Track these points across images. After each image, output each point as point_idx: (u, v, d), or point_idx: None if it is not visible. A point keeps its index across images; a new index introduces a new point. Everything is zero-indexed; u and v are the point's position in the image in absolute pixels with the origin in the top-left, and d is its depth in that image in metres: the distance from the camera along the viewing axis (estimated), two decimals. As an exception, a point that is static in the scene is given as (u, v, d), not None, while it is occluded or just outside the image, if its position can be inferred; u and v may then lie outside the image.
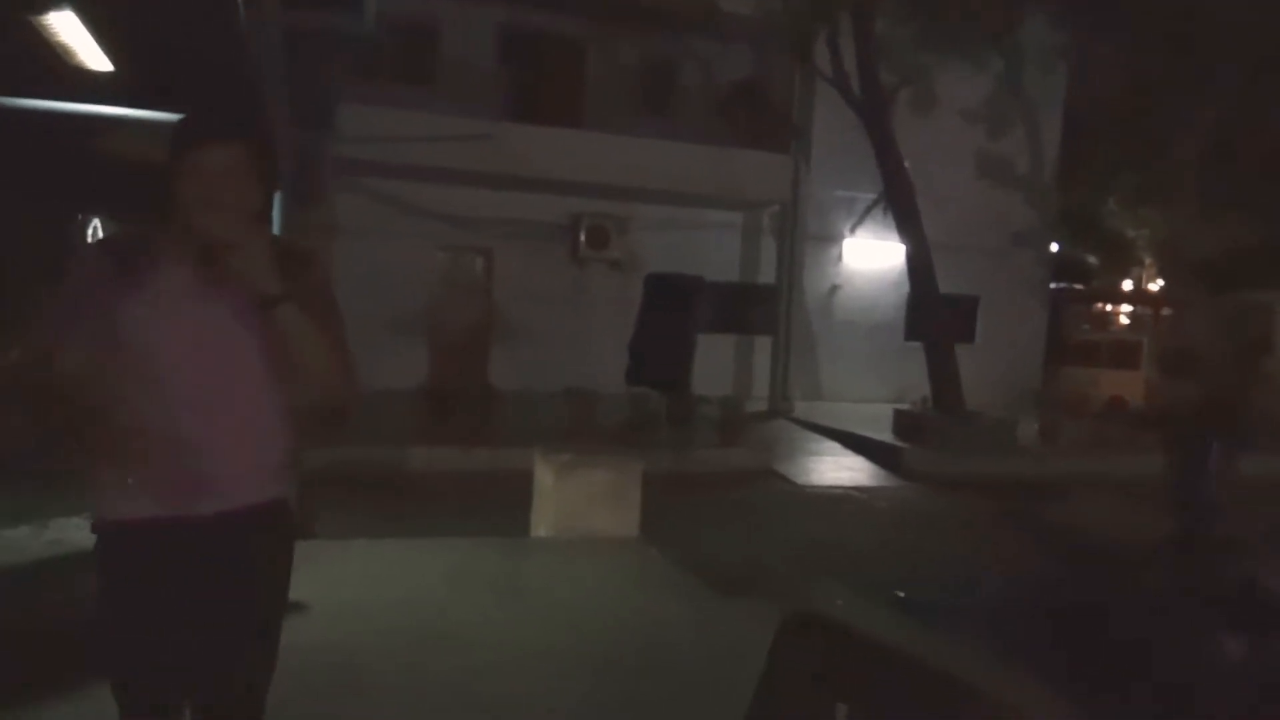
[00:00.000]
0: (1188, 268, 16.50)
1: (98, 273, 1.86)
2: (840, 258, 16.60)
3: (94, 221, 10.19)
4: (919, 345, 13.18)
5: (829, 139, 15.00)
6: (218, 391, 1.86)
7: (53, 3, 6.44)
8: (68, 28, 6.84)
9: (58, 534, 5.34)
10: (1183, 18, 13.31)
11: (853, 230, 16.42)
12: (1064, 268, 20.12)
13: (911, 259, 12.71)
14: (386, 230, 13.56)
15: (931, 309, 13.02)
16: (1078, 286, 21.72)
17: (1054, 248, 18.84)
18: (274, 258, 1.81)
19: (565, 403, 10.57)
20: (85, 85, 7.62)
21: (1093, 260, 21.43)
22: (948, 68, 13.23)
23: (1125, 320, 22.63)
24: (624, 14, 14.50)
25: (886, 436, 11.61)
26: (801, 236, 15.30)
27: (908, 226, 12.59)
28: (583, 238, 14.86)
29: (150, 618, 1.86)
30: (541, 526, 5.78)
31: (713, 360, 13.71)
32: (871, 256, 16.49)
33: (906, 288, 14.24)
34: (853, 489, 9.44)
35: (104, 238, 2.41)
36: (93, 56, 7.41)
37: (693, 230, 15.29)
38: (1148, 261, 21.63)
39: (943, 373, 12.32)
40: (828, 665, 2.26)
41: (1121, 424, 12.70)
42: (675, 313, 11.17)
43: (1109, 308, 23.26)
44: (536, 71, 15.28)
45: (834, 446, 11.72)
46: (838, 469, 10.41)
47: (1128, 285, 23.28)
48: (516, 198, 14.30)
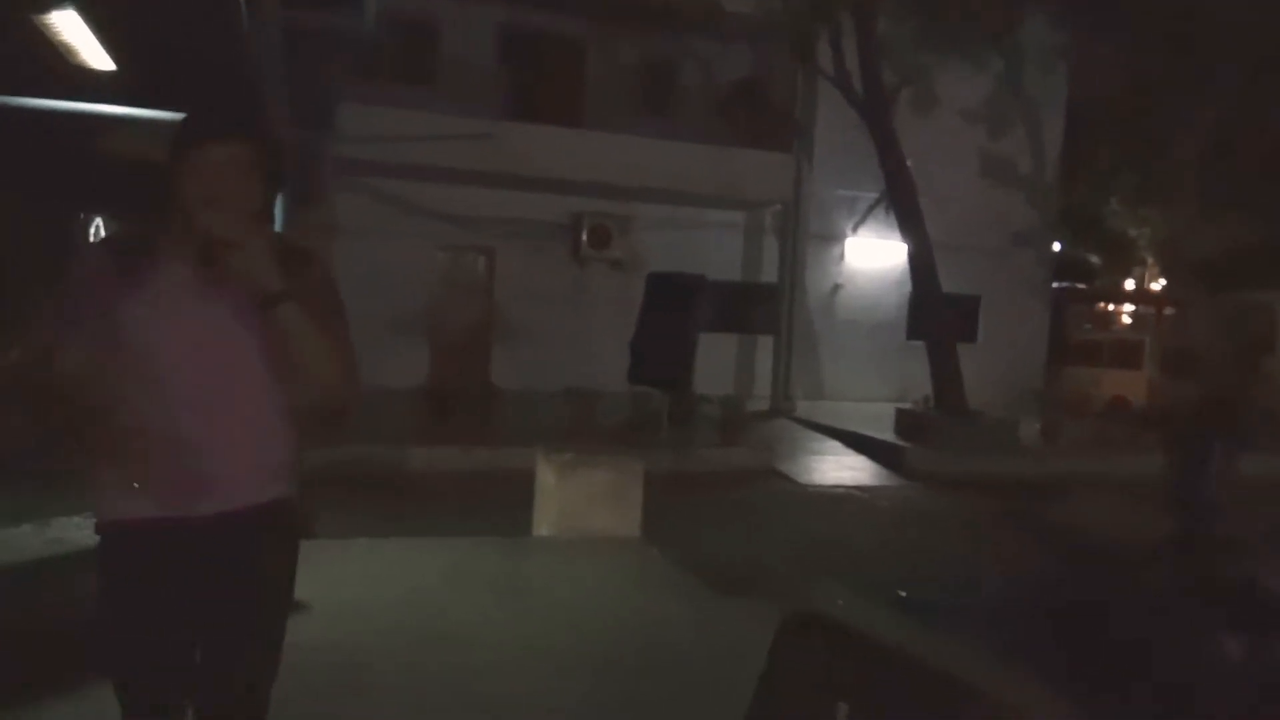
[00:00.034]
0: (1189, 267, 16.49)
1: (98, 272, 1.86)
2: (842, 257, 16.60)
3: (95, 221, 10.20)
4: (921, 344, 13.17)
5: (831, 138, 14.98)
6: (218, 391, 1.85)
7: (55, 2, 6.45)
8: (70, 27, 6.85)
9: (59, 533, 5.34)
10: (1183, 17, 13.30)
11: (855, 229, 16.41)
12: (1066, 267, 20.11)
13: (913, 258, 12.70)
14: (387, 230, 13.56)
15: (933, 308, 13.01)
16: (1080, 286, 21.70)
17: (1056, 247, 18.83)
18: (275, 257, 1.80)
19: (566, 402, 10.56)
20: (87, 84, 7.62)
21: (1094, 260, 21.44)
22: (949, 67, 13.22)
23: (1127, 320, 22.60)
24: (625, 13, 14.50)
25: (888, 436, 11.60)
26: (803, 236, 15.28)
27: (910, 226, 12.58)
28: (584, 237, 14.86)
29: (151, 618, 1.86)
30: (543, 526, 5.78)
31: (714, 359, 13.70)
32: (873, 256, 16.47)
33: (908, 287, 14.24)
34: (854, 488, 9.43)
35: (105, 237, 2.41)
36: (95, 56, 7.41)
37: (694, 229, 15.28)
38: (1149, 261, 21.62)
39: (945, 372, 12.31)
40: (828, 665, 2.26)
41: (1123, 424, 12.69)
42: (677, 312, 11.15)
43: (1111, 307, 23.23)
44: (537, 71, 15.29)
45: (836, 446, 11.71)
46: (839, 468, 10.40)
47: (1129, 285, 23.26)
48: (517, 197, 14.30)
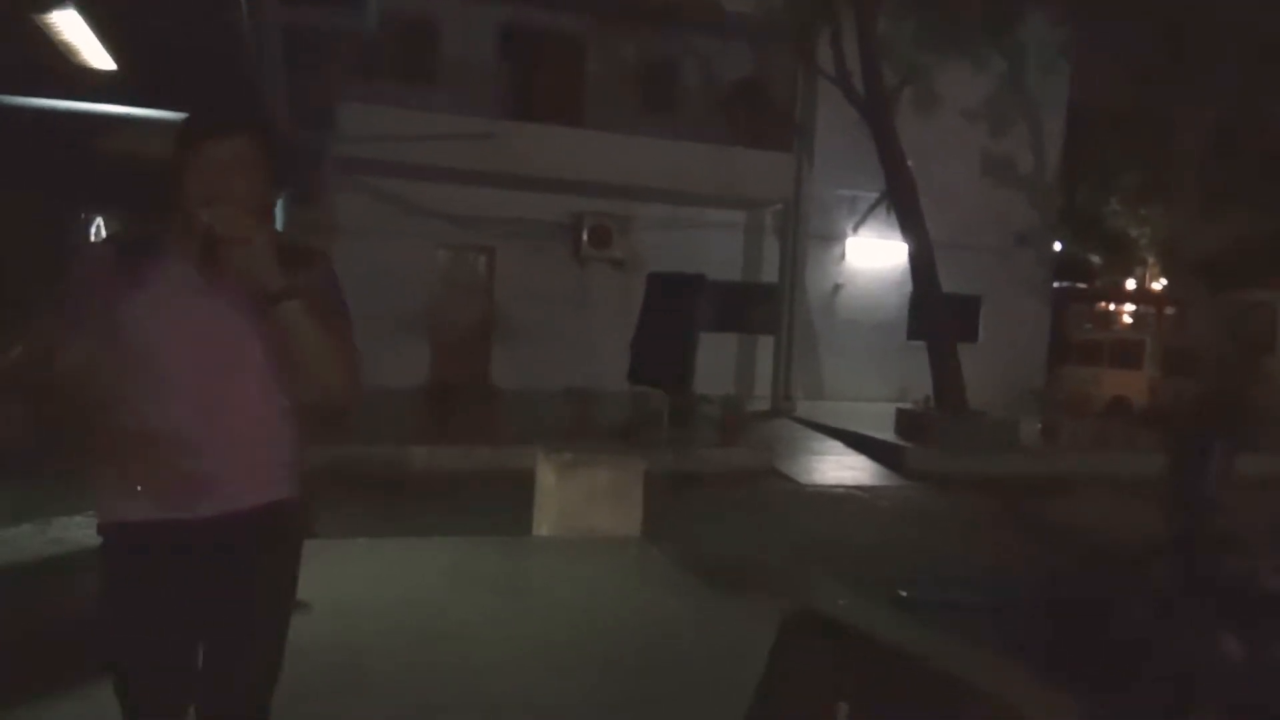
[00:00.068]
0: (1189, 267, 16.49)
1: (100, 271, 1.85)
2: (843, 256, 16.60)
3: (97, 220, 10.20)
4: (921, 344, 13.16)
5: (831, 137, 14.97)
6: (220, 390, 1.85)
7: (56, 1, 6.44)
8: (71, 26, 6.84)
9: (59, 533, 5.34)
10: (1184, 16, 13.30)
11: (855, 229, 16.41)
12: (1066, 267, 20.10)
13: (914, 258, 12.69)
14: (387, 230, 13.56)
15: (934, 308, 13.01)
16: (1080, 285, 21.69)
17: (1056, 247, 18.81)
18: (279, 254, 1.79)
19: (567, 402, 10.56)
20: (88, 84, 7.62)
21: (1095, 259, 21.42)
22: (950, 66, 13.21)
23: (1128, 319, 22.59)
24: (626, 12, 14.50)
25: (889, 435, 11.60)
26: (804, 235, 15.28)
27: (910, 225, 12.57)
28: (585, 237, 14.86)
29: (152, 619, 1.86)
30: (543, 525, 5.78)
31: (715, 359, 13.69)
32: (874, 255, 16.47)
33: (909, 287, 14.23)
34: (855, 488, 9.43)
35: (106, 236, 2.41)
36: (96, 55, 7.41)
37: (695, 229, 15.28)
38: (1150, 260, 21.61)
39: (945, 372, 12.31)
40: (828, 665, 2.26)
41: (1123, 423, 12.68)
42: (677, 312, 11.14)
43: (1111, 307, 23.22)
44: (538, 70, 15.29)
45: (836, 445, 11.71)
46: (840, 468, 10.40)
47: (1130, 284, 23.24)
48: (518, 197, 14.30)
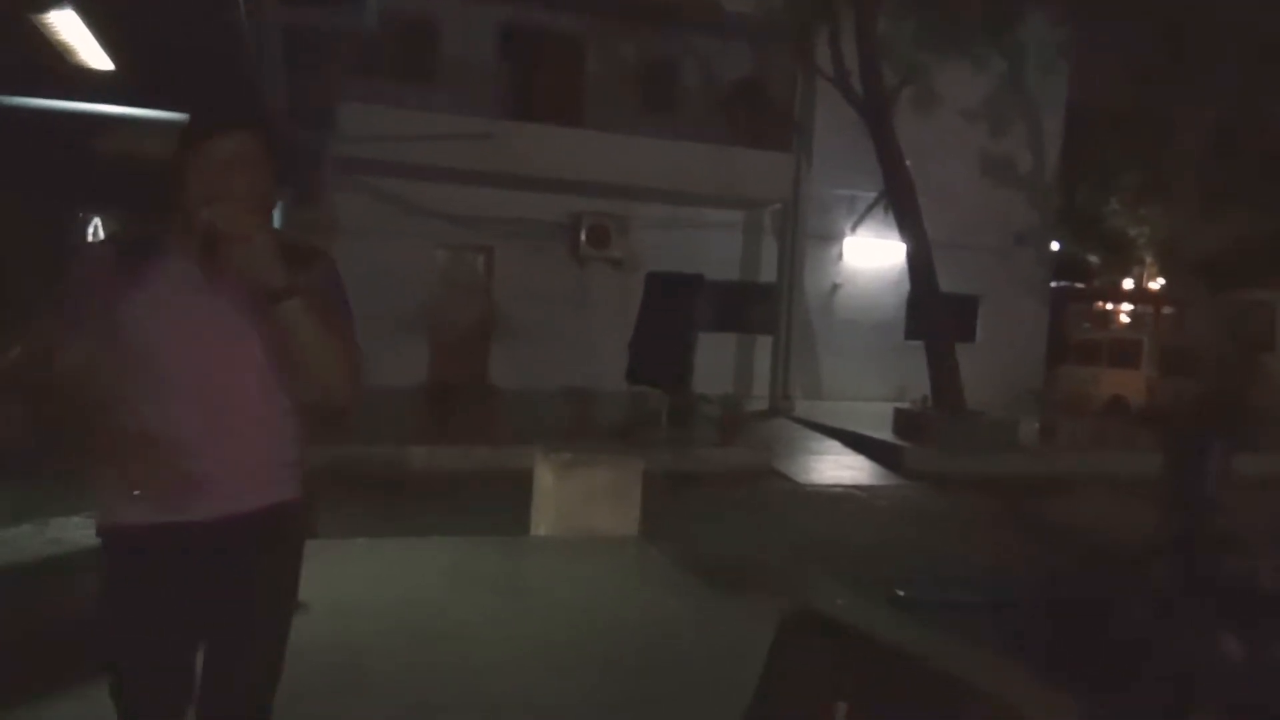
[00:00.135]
0: (1188, 266, 16.50)
1: (99, 271, 1.85)
2: (841, 256, 16.60)
3: (95, 220, 10.19)
4: (920, 344, 13.16)
5: (830, 137, 14.97)
6: (221, 390, 1.84)
7: (54, 2, 6.44)
8: (69, 27, 6.84)
9: (58, 533, 5.33)
10: (1184, 16, 13.30)
11: (854, 229, 16.41)
12: (1065, 266, 20.11)
13: (912, 258, 12.69)
14: (387, 229, 13.55)
15: (932, 308, 13.01)
16: (1079, 285, 21.70)
17: (1055, 246, 18.82)
18: (280, 252, 1.77)
19: (565, 401, 10.56)
20: (86, 84, 7.62)
21: (1094, 259, 21.44)
22: (949, 66, 13.21)
23: (1126, 319, 22.60)
24: (626, 12, 14.49)
25: (887, 435, 11.60)
26: (802, 235, 15.28)
27: (908, 225, 12.57)
28: (584, 236, 14.86)
29: (152, 621, 1.85)
30: (542, 525, 5.78)
31: (713, 359, 13.69)
32: (872, 255, 16.47)
33: (907, 286, 14.23)
34: (853, 488, 9.44)
35: (106, 235, 2.40)
36: (94, 55, 7.40)
37: (693, 229, 15.28)
38: (1149, 260, 21.63)
39: (943, 371, 12.31)
40: (828, 665, 2.26)
41: (1122, 422, 12.69)
42: (676, 311, 11.15)
43: (1110, 306, 23.23)
44: (537, 70, 15.28)
45: (834, 445, 11.72)
46: (838, 468, 10.40)
47: (1129, 284, 23.26)
48: (517, 196, 14.30)
